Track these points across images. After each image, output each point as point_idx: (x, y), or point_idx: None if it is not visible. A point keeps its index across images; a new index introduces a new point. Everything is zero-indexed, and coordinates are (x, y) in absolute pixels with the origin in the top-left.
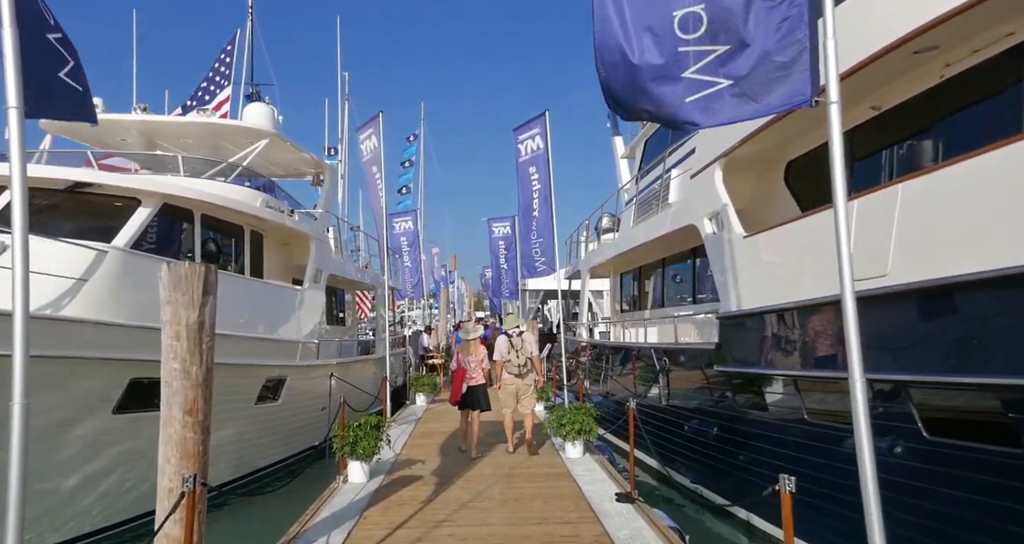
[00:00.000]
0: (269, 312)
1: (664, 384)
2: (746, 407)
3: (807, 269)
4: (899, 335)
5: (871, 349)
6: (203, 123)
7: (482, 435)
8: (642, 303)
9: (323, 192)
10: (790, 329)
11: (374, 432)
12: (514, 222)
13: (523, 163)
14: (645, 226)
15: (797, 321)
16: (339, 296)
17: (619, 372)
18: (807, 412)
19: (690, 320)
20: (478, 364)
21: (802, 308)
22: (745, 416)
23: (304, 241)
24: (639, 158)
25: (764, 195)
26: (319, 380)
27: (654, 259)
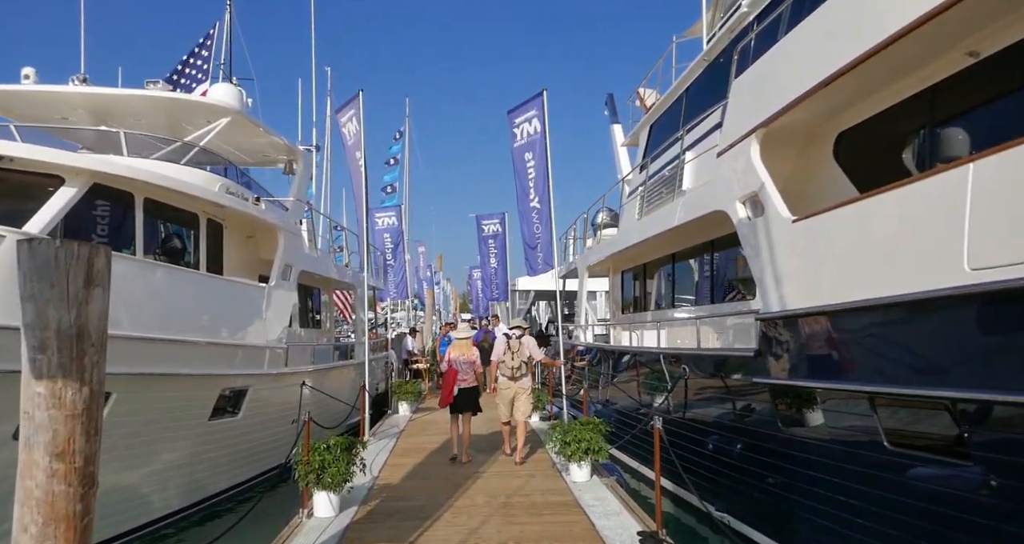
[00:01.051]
0: (229, 313)
1: (682, 395)
2: (794, 427)
3: (889, 258)
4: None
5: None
6: (155, 97)
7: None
8: (646, 304)
9: (296, 180)
10: (870, 333)
11: (345, 456)
12: (504, 219)
13: (518, 149)
14: (653, 218)
15: (881, 323)
16: (315, 296)
17: (624, 380)
18: (888, 437)
19: (709, 323)
20: (470, 366)
21: (890, 306)
22: (792, 438)
23: (272, 233)
24: (643, 145)
25: (807, 174)
26: (289, 390)
27: (662, 255)
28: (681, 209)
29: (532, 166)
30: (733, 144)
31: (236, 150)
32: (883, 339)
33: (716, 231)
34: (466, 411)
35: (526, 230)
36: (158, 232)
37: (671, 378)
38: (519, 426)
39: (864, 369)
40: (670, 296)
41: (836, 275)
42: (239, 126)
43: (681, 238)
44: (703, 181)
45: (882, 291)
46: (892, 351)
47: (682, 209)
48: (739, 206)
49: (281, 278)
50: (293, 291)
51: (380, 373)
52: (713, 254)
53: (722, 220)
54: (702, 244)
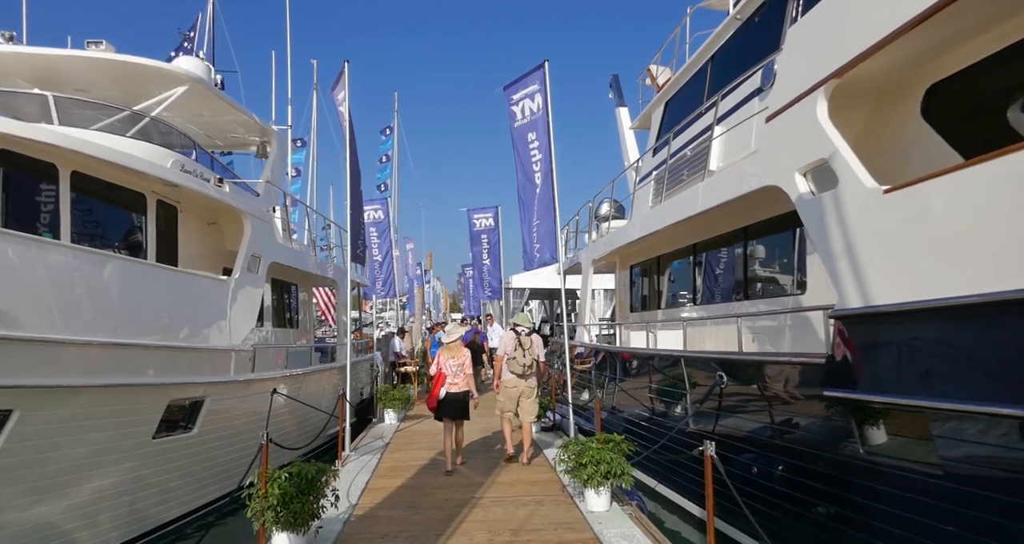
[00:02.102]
0: (182, 311)
1: (715, 407)
2: (885, 455)
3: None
4: None
5: None
6: (97, 59)
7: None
8: (659, 301)
9: (268, 162)
10: (1005, 336)
11: (312, 487)
12: (497, 213)
13: (519, 129)
14: (671, 205)
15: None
16: (292, 292)
17: (636, 387)
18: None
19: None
20: (459, 368)
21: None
22: (881, 469)
23: (236, 219)
24: (657, 125)
25: (883, 136)
26: (257, 399)
27: (681, 246)
28: (708, 192)
29: (536, 147)
30: (790, 104)
31: (204, 131)
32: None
33: (752, 215)
34: (451, 417)
35: (529, 221)
36: (93, 214)
37: (701, 387)
38: (525, 427)
39: (1002, 382)
40: (691, 292)
41: (951, 260)
42: (201, 98)
43: (706, 226)
44: (738, 157)
45: (1014, 280)
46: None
47: (710, 192)
48: (799, 179)
49: (247, 270)
50: (262, 286)
51: (365, 377)
52: (746, 243)
53: (763, 202)
54: (732, 232)
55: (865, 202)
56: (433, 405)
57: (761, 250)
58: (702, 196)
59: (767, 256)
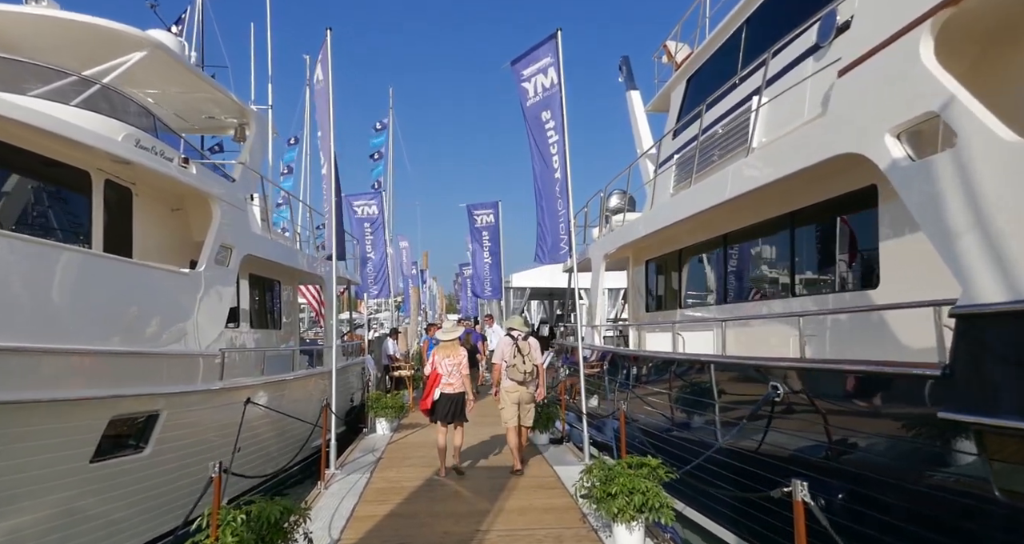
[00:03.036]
0: (132, 310)
1: (763, 424)
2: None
3: None
4: None
5: None
6: (40, 17)
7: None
8: (679, 299)
9: (246, 145)
10: None
11: (276, 533)
12: (497, 208)
13: (533, 108)
14: (698, 190)
15: None
16: (275, 290)
17: (659, 396)
18: None
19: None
20: (456, 368)
21: None
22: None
23: (205, 205)
24: (677, 105)
25: (995, 82)
26: (228, 410)
27: (709, 237)
28: (750, 171)
29: (552, 128)
30: (877, 49)
31: (176, 113)
32: None
33: (802, 197)
34: (446, 420)
35: (551, 211)
36: (22, 193)
37: (743, 398)
38: (522, 431)
39: None
40: (719, 289)
41: None
42: (165, 69)
43: (742, 213)
44: (788, 129)
45: None
46: None
47: (751, 171)
48: (891, 142)
49: (215, 263)
50: (234, 281)
51: (356, 382)
52: (793, 231)
53: (821, 179)
54: (775, 219)
55: (1005, 161)
56: (427, 406)
57: (813, 238)
58: (741, 177)
59: (821, 245)
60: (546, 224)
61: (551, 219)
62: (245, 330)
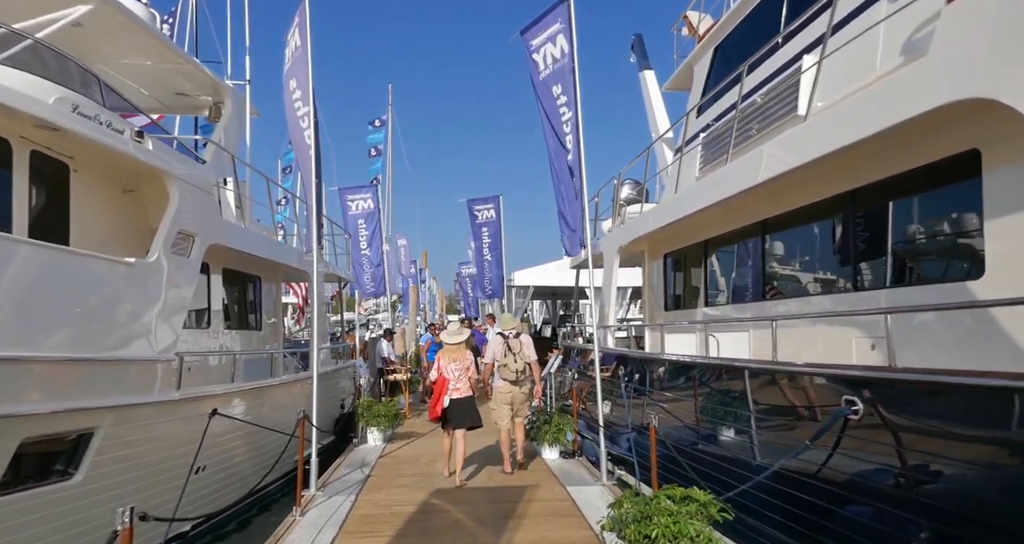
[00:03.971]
0: (63, 306)
1: (833, 446)
2: None
3: None
4: None
5: None
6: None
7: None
8: (704, 296)
9: (220, 123)
10: None
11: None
12: (499, 203)
13: (544, 82)
14: (735, 168)
15: None
16: (256, 287)
17: (698, 408)
18: None
19: (849, 322)
20: (463, 372)
21: None
22: None
23: (160, 184)
24: (702, 78)
25: None
26: (188, 425)
27: (742, 224)
28: (799, 143)
29: (564, 104)
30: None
31: (144, 89)
32: None
33: (864, 173)
34: (461, 426)
35: (568, 197)
36: None
37: (810, 412)
38: (518, 430)
39: None
40: (756, 283)
41: None
42: (118, 30)
43: (786, 194)
44: (853, 88)
45: None
46: None
47: (804, 142)
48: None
49: (170, 250)
50: (195, 275)
51: (348, 386)
52: (853, 213)
53: (891, 148)
54: (831, 200)
55: None
56: (437, 415)
57: (884, 221)
58: (791, 150)
59: (897, 229)
60: (566, 210)
61: (570, 204)
62: (219, 331)
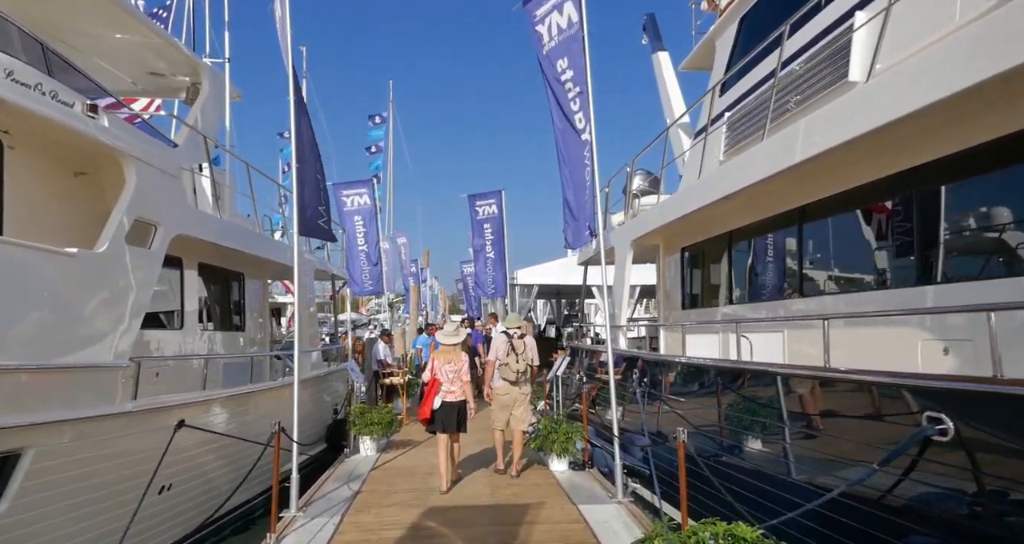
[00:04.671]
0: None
1: (907, 471)
2: None
3: None
4: None
5: None
6: None
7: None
8: (729, 293)
9: (196, 105)
10: None
11: None
12: (500, 198)
13: (548, 56)
14: (771, 147)
15: None
16: (241, 284)
17: (735, 421)
18: None
19: (914, 323)
20: (457, 375)
21: None
22: None
23: (115, 165)
24: (726, 53)
25: None
26: (146, 439)
27: (775, 212)
28: (856, 112)
29: (571, 79)
30: None
31: (117, 70)
32: None
33: (930, 148)
34: (447, 430)
35: (576, 182)
36: None
37: (876, 429)
38: (516, 435)
39: None
40: (794, 278)
41: None
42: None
43: (829, 176)
44: (933, 39)
45: None
46: None
47: (864, 110)
48: None
49: (121, 239)
50: (156, 268)
51: (343, 390)
52: (913, 194)
53: (983, 112)
54: (888, 180)
55: None
56: (426, 416)
57: (963, 202)
58: (845, 121)
59: (975, 211)
60: (571, 199)
61: (577, 192)
62: (194, 332)
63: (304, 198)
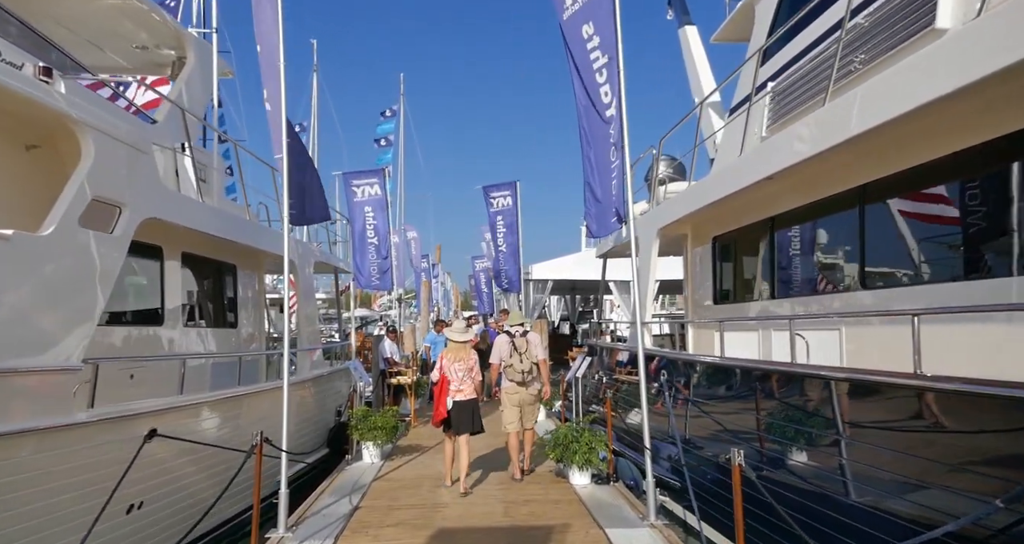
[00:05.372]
0: None
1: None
2: None
3: None
4: None
5: None
6: None
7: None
8: (772, 286)
9: (179, 79)
10: None
11: None
12: (515, 190)
13: (569, 22)
14: (827, 114)
15: None
16: (232, 278)
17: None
18: None
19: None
20: (467, 373)
21: None
22: None
23: (70, 136)
24: (767, 18)
25: None
26: (110, 451)
27: (831, 192)
28: (934, 67)
29: (597, 47)
30: None
31: (95, 43)
32: None
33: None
34: (463, 431)
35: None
36: None
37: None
38: (526, 434)
39: None
40: (854, 269)
41: None
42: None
43: (906, 146)
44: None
45: None
46: None
47: (944, 64)
48: None
49: (72, 220)
50: (120, 256)
51: (347, 390)
52: (1015, 165)
53: None
54: (981, 146)
55: None
56: (439, 419)
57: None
58: (925, 78)
59: None
60: (595, 182)
61: (602, 174)
62: (176, 329)
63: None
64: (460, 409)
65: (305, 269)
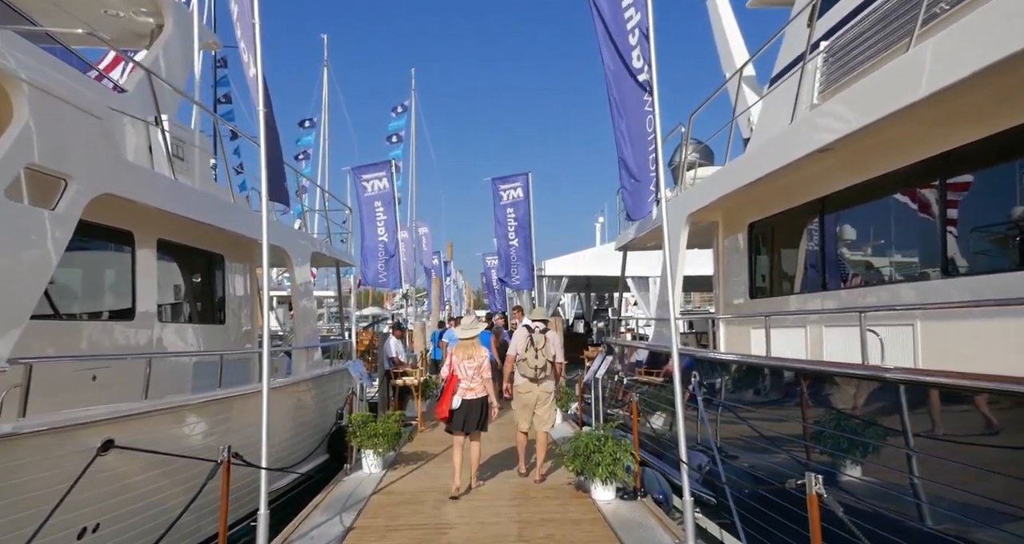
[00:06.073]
0: None
1: None
2: None
3: None
4: None
5: None
6: None
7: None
8: (822, 278)
9: (155, 45)
10: None
11: None
12: (527, 181)
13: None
14: (900, 70)
15: None
16: (220, 269)
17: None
18: None
19: None
20: (477, 371)
21: None
22: None
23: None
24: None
25: None
26: (55, 466)
27: (899, 166)
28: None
29: (631, 13)
30: None
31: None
32: None
33: None
34: (468, 430)
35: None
36: None
37: None
38: (539, 437)
39: None
40: (936, 255)
41: None
42: None
43: (994, 107)
44: None
45: None
46: None
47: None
48: None
49: (4, 195)
50: (65, 236)
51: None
52: None
53: None
54: None
55: None
56: (445, 414)
57: None
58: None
59: None
60: (629, 157)
61: (636, 149)
62: (150, 325)
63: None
64: (468, 407)
65: (300, 260)
